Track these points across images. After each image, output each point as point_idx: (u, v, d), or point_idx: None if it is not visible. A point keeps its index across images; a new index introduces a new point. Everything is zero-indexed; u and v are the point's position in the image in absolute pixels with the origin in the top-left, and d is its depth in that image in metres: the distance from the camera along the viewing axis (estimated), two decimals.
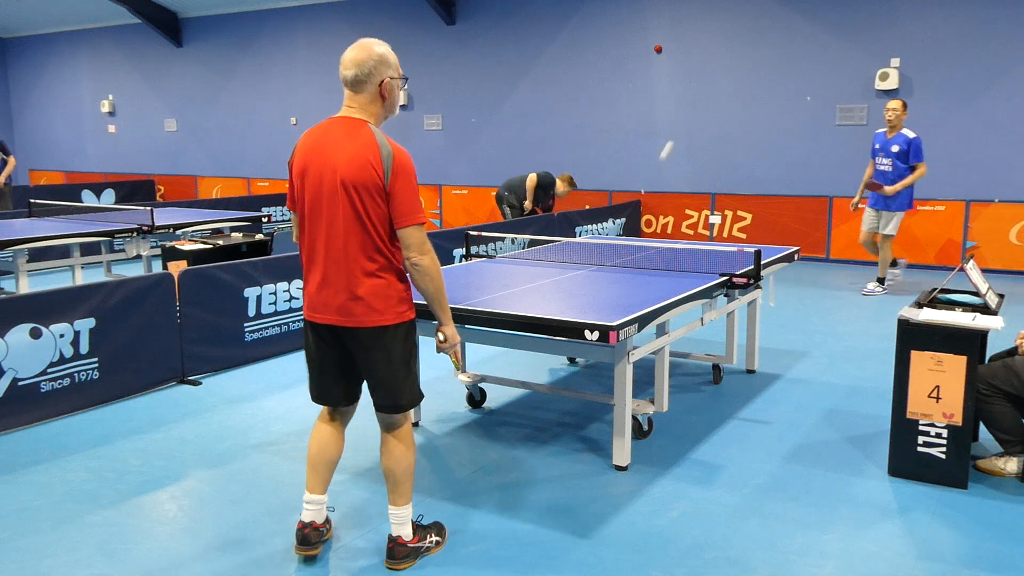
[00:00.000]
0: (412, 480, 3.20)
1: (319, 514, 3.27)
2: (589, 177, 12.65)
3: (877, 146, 8.22)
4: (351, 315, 2.98)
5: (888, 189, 7.95)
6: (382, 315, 2.98)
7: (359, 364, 3.11)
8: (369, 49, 2.97)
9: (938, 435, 3.84)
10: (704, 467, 4.13)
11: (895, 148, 8.02)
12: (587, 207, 11.76)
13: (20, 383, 4.70)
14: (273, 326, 6.23)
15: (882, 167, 8.17)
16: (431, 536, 3.31)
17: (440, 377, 5.67)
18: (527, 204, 9.55)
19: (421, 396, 3.22)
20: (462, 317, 3.91)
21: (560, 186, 9.68)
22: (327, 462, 3.25)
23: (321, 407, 3.30)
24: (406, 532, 3.21)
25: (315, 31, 14.91)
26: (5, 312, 4.64)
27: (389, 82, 3.00)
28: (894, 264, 8.59)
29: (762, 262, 4.89)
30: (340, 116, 3.02)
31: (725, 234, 11.41)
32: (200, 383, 5.56)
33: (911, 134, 8.00)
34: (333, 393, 3.20)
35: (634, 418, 4.42)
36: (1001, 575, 3.12)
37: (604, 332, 3.49)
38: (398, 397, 3.10)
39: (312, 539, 3.23)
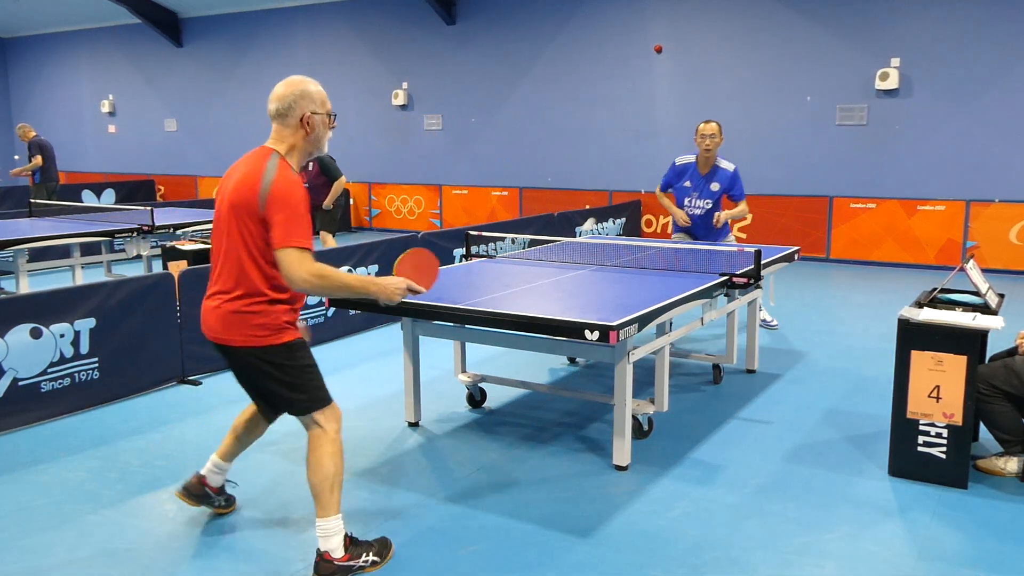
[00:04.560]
0: (338, 491, 3.05)
1: (215, 478, 3.44)
2: (589, 177, 12.65)
3: (687, 184, 6.34)
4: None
5: (720, 215, 6.24)
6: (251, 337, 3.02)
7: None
8: (293, 85, 3.12)
9: (938, 435, 3.84)
10: (704, 467, 4.13)
11: (715, 187, 6.28)
12: (587, 207, 11.76)
13: (20, 383, 4.70)
14: None
15: (697, 211, 6.37)
16: (367, 555, 3.10)
17: (440, 377, 5.67)
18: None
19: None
20: (462, 317, 3.91)
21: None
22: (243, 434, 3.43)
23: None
24: (332, 547, 3.03)
25: (315, 31, 14.90)
26: (5, 312, 4.64)
27: (311, 116, 3.09)
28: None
29: (762, 262, 4.89)
30: (260, 146, 3.13)
31: None
32: (200, 383, 5.56)
33: (729, 166, 6.32)
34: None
35: (634, 418, 4.42)
36: (1001, 575, 3.13)
37: (604, 332, 3.49)
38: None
39: (194, 491, 3.44)
